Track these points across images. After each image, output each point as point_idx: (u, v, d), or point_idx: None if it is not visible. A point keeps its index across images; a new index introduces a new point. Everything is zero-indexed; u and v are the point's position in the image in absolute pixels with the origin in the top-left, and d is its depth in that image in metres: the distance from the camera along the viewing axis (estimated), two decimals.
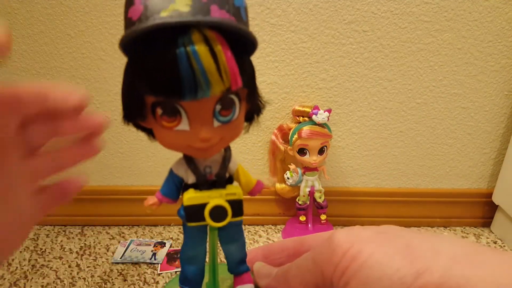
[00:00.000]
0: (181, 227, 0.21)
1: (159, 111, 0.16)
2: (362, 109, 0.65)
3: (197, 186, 0.19)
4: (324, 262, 0.18)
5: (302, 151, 0.60)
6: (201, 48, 0.15)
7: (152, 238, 0.66)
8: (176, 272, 0.55)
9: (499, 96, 0.65)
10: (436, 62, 0.62)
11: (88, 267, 0.58)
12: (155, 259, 0.59)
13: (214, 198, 0.19)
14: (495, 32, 0.61)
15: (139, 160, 0.69)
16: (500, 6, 0.59)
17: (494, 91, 0.65)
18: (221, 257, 0.23)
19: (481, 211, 0.73)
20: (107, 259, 0.60)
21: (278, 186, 0.67)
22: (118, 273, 0.56)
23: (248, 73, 0.18)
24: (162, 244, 0.63)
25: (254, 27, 0.59)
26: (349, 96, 0.64)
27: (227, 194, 0.19)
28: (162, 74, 0.15)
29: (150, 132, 0.19)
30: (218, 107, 0.17)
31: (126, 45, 0.16)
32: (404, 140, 0.68)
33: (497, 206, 0.70)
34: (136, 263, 0.58)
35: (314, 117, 0.57)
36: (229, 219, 0.19)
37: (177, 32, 0.15)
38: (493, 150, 0.70)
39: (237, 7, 0.16)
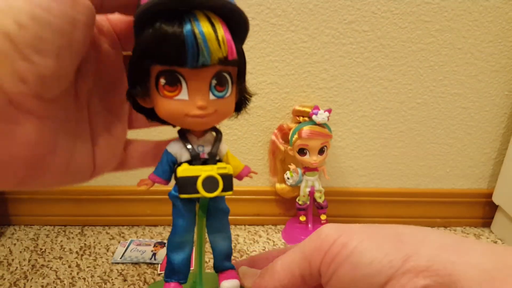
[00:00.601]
0: None
1: (162, 81, 0.19)
2: (362, 109, 0.65)
3: (190, 162, 0.21)
4: (313, 252, 0.18)
5: (302, 151, 0.60)
6: (203, 23, 0.17)
7: (152, 238, 0.66)
8: None
9: (499, 96, 0.65)
10: (437, 62, 0.62)
11: (88, 267, 0.58)
12: (155, 259, 0.59)
13: (207, 171, 0.20)
14: (495, 32, 0.61)
15: None
16: (501, 6, 0.59)
17: (495, 91, 0.65)
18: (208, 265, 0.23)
19: (481, 211, 0.73)
20: (107, 259, 0.60)
21: (278, 186, 0.67)
22: (118, 273, 0.56)
23: (240, 54, 0.19)
24: (162, 244, 0.63)
25: (254, 27, 0.59)
26: (349, 96, 0.64)
27: (218, 168, 0.21)
28: (168, 44, 0.17)
29: (148, 114, 0.21)
30: (214, 82, 0.19)
31: (137, 23, 0.18)
32: (404, 140, 0.68)
33: (497, 206, 0.70)
34: (136, 263, 0.58)
35: (314, 117, 0.57)
36: (220, 190, 0.20)
37: (182, 11, 0.17)
38: (493, 150, 0.70)
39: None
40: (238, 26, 0.19)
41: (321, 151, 0.60)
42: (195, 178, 0.20)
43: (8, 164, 0.17)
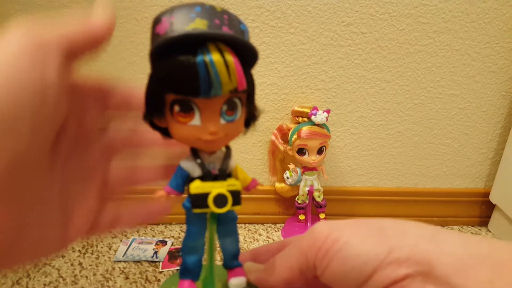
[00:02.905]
0: (182, 226, 0.22)
1: (176, 108, 0.20)
2: (361, 110, 0.66)
3: (202, 178, 0.22)
4: (308, 248, 0.20)
5: (301, 151, 0.60)
6: (215, 56, 0.18)
7: (153, 236, 0.67)
8: (177, 269, 0.56)
9: (496, 97, 0.66)
10: (434, 63, 0.63)
11: (90, 265, 0.59)
12: (156, 257, 0.59)
13: (217, 187, 0.22)
14: (492, 33, 0.62)
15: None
16: (498, 8, 0.60)
17: (492, 91, 0.66)
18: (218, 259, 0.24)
19: (478, 210, 0.74)
20: (109, 258, 0.60)
21: (278, 185, 0.68)
22: (120, 271, 0.57)
23: (249, 82, 0.21)
24: (164, 243, 0.64)
25: (254, 29, 0.60)
26: (347, 97, 0.65)
27: (228, 185, 0.22)
28: (183, 76, 0.19)
29: (163, 132, 0.22)
30: (225, 107, 0.20)
31: (153, 55, 0.19)
32: (402, 140, 0.69)
33: (494, 205, 0.71)
34: (138, 261, 0.59)
35: (313, 117, 0.58)
36: (229, 206, 0.22)
37: (196, 44, 0.18)
38: (490, 150, 0.70)
39: (242, 31, 0.20)
40: (248, 56, 0.20)
41: (320, 151, 0.60)
42: (207, 195, 0.21)
43: None
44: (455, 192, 0.73)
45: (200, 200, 0.22)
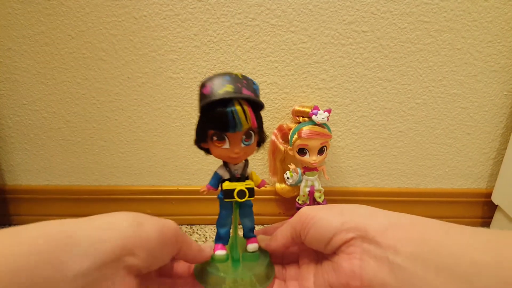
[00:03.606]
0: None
1: (214, 138, 0.33)
2: (362, 109, 0.66)
3: (229, 180, 0.36)
4: (296, 223, 0.32)
5: (302, 151, 0.60)
6: (238, 109, 0.31)
7: None
8: None
9: (498, 96, 0.66)
10: (436, 63, 0.63)
11: None
12: None
13: (239, 186, 0.36)
14: (494, 32, 0.61)
15: (139, 160, 0.70)
16: (500, 7, 0.59)
17: (494, 91, 0.65)
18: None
19: (480, 211, 0.73)
20: None
21: (278, 186, 0.67)
22: None
23: (259, 121, 0.34)
24: None
25: (254, 28, 0.60)
26: (348, 96, 0.65)
27: (246, 184, 0.36)
28: (219, 120, 0.31)
29: (206, 151, 0.35)
30: (244, 137, 0.33)
31: (202, 107, 0.32)
32: (403, 140, 0.68)
33: (497, 206, 0.70)
34: None
35: (314, 117, 0.58)
36: (247, 197, 0.36)
37: (226, 100, 0.31)
38: (492, 150, 0.70)
39: (255, 89, 0.34)
40: (257, 105, 0.33)
41: (320, 151, 0.60)
42: (233, 190, 0.36)
43: None
44: (457, 193, 0.72)
45: (228, 193, 0.36)
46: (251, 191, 0.36)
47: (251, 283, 0.36)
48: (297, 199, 0.66)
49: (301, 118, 0.61)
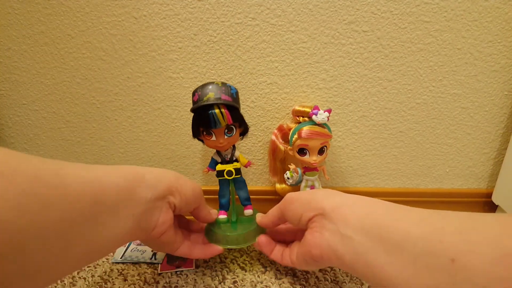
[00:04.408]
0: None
1: (204, 133, 0.48)
2: (362, 109, 0.66)
3: (221, 162, 0.51)
4: (280, 204, 0.46)
5: (302, 151, 0.60)
6: (217, 111, 0.45)
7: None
8: (176, 272, 0.55)
9: (499, 96, 0.65)
10: (436, 62, 0.63)
11: (88, 267, 0.58)
12: (155, 259, 0.59)
13: (228, 167, 0.50)
14: (495, 32, 0.61)
15: (139, 160, 0.70)
16: (500, 7, 0.59)
17: (494, 91, 0.65)
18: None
19: (480, 211, 0.73)
20: (107, 259, 0.60)
21: (278, 186, 0.67)
22: (118, 273, 0.56)
23: (236, 118, 0.48)
24: None
25: (254, 27, 0.60)
26: (349, 96, 0.64)
27: (233, 165, 0.51)
28: (204, 120, 0.46)
29: (202, 142, 0.51)
30: (226, 130, 0.48)
31: (193, 110, 0.48)
32: (403, 140, 0.68)
33: (497, 206, 0.70)
34: (136, 263, 0.58)
35: (314, 117, 0.57)
36: (234, 175, 0.51)
37: (209, 105, 0.46)
38: (493, 150, 0.70)
39: (232, 93, 0.47)
40: (233, 107, 0.47)
41: (321, 151, 0.60)
42: (223, 170, 0.51)
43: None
44: (457, 193, 0.72)
45: (220, 173, 0.51)
46: (237, 170, 0.51)
47: (243, 239, 0.51)
48: None
49: (301, 118, 0.61)
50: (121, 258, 0.59)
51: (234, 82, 0.63)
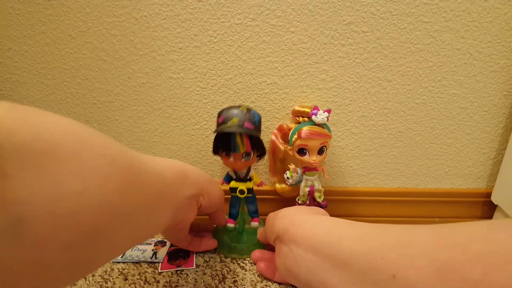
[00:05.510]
0: None
1: (223, 154, 0.53)
2: (362, 110, 0.66)
3: (235, 180, 0.55)
4: (266, 223, 0.51)
5: (301, 151, 0.60)
6: (238, 139, 0.49)
7: (152, 237, 0.66)
8: (176, 271, 0.56)
9: (498, 96, 0.66)
10: (435, 63, 0.63)
11: None
12: (155, 258, 0.59)
13: (241, 185, 0.55)
14: (494, 32, 0.61)
15: None
16: (499, 7, 0.60)
17: (493, 91, 0.65)
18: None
19: (480, 210, 0.74)
20: None
21: (278, 186, 0.67)
22: (119, 272, 0.56)
23: (255, 145, 0.51)
24: (163, 243, 0.63)
25: (255, 28, 0.60)
26: (348, 96, 0.65)
27: (246, 185, 0.55)
28: (225, 145, 0.51)
29: (222, 159, 0.54)
30: (244, 155, 0.51)
31: (216, 133, 0.51)
32: (403, 140, 0.69)
33: (496, 206, 0.70)
34: (137, 262, 0.59)
35: (313, 117, 0.58)
36: (245, 194, 0.55)
37: (232, 132, 0.49)
38: (492, 150, 0.70)
39: (255, 121, 0.50)
40: (254, 135, 0.50)
41: (320, 151, 0.60)
42: (236, 188, 0.55)
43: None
44: (456, 193, 0.72)
45: (233, 190, 0.55)
46: (249, 190, 0.56)
47: (246, 250, 0.57)
48: (297, 199, 0.66)
49: (301, 118, 0.61)
50: (121, 257, 0.60)
51: (234, 82, 0.63)
